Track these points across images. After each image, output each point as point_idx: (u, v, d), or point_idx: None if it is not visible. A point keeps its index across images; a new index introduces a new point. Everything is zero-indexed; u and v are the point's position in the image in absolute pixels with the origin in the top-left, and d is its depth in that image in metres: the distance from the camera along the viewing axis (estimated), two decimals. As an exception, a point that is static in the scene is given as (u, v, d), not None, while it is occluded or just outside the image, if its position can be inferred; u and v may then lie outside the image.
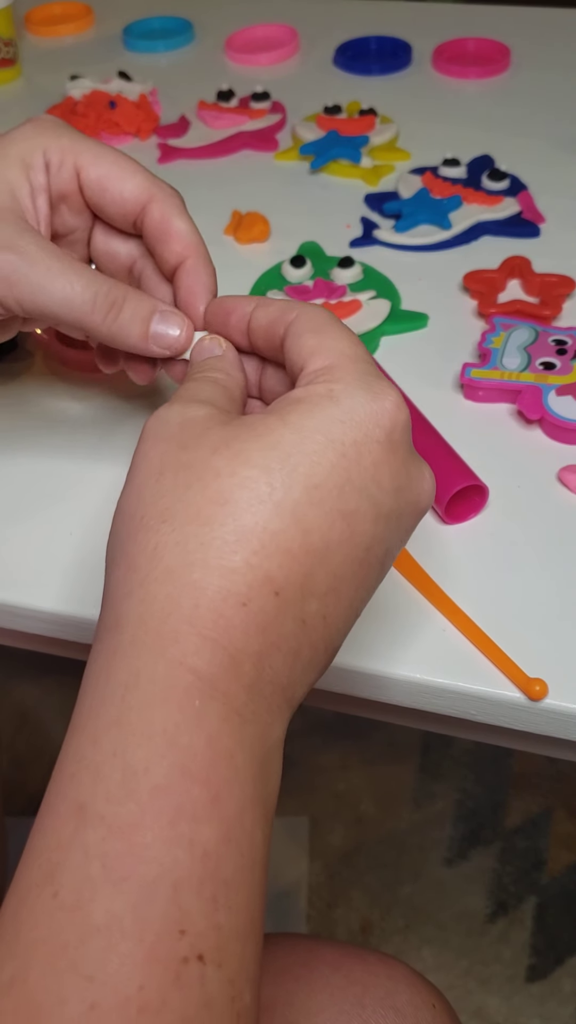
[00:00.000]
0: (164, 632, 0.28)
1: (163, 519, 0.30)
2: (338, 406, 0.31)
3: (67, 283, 0.40)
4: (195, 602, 0.28)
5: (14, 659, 1.31)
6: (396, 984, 0.50)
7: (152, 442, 0.33)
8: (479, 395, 0.55)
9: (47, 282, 0.40)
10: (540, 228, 0.67)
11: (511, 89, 0.84)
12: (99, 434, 0.56)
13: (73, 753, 0.28)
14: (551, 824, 1.15)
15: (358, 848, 1.14)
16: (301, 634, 0.30)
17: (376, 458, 0.31)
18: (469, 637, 0.44)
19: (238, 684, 0.28)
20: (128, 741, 0.27)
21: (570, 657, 0.43)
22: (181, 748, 0.27)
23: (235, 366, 0.38)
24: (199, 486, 0.30)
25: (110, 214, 0.44)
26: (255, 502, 0.30)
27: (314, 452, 0.30)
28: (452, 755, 1.21)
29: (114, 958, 0.25)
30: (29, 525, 0.51)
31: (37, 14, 1.00)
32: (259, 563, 0.29)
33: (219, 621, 0.28)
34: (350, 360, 0.33)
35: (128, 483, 0.32)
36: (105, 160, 0.43)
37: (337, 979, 0.49)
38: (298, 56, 0.91)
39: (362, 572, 0.31)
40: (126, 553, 0.30)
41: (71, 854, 0.26)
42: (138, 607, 0.29)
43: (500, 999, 1.02)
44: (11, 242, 0.41)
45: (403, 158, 0.76)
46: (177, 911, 0.25)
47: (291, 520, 0.30)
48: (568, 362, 0.54)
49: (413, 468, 0.33)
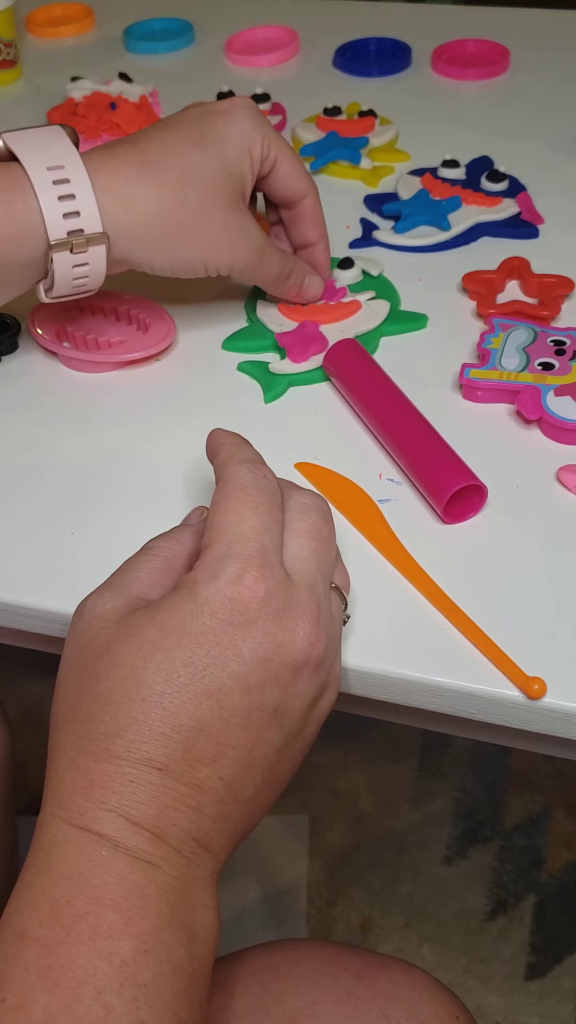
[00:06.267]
0: (71, 807, 0.35)
1: (67, 719, 0.37)
2: (195, 599, 0.36)
3: (274, 262, 0.56)
4: (89, 783, 0.35)
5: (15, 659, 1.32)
6: (420, 995, 0.50)
7: (70, 640, 0.39)
8: (478, 395, 0.55)
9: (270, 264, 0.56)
10: (539, 229, 0.67)
11: (510, 90, 0.84)
12: (99, 434, 0.56)
13: (15, 893, 0.35)
14: (550, 822, 1.15)
15: (358, 846, 1.14)
16: (199, 795, 0.35)
17: (233, 639, 0.36)
18: (468, 636, 0.44)
19: (141, 839, 0.34)
20: (53, 882, 0.34)
21: (569, 656, 0.43)
22: (95, 886, 0.33)
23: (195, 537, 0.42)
24: (87, 689, 0.36)
25: (279, 197, 0.58)
26: (126, 699, 0.35)
27: (176, 646, 0.36)
28: (451, 754, 1.22)
29: None
30: (29, 525, 0.51)
31: (38, 16, 1.00)
32: (137, 747, 0.35)
33: (111, 797, 0.34)
34: (222, 541, 0.37)
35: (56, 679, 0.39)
36: (290, 156, 0.56)
37: (361, 990, 0.50)
38: (298, 58, 0.92)
39: (251, 734, 0.36)
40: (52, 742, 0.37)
41: (14, 969, 0.32)
42: (53, 791, 0.36)
43: (499, 997, 1.02)
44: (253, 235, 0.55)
45: (402, 159, 0.76)
46: (101, 1009, 0.31)
47: (158, 708, 0.35)
48: (567, 362, 0.54)
49: (279, 633, 0.36)
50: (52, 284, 0.52)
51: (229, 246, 0.54)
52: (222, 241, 0.54)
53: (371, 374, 0.55)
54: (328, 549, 0.41)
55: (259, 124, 0.55)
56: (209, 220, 0.53)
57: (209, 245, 0.53)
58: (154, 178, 0.51)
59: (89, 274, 0.52)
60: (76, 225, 0.50)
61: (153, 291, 0.62)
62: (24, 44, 0.98)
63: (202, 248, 0.53)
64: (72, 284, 0.52)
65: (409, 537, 0.48)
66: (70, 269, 0.51)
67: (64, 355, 0.59)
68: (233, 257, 0.54)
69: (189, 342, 0.61)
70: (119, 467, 0.54)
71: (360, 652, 0.44)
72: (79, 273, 0.51)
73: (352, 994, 0.49)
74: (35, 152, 0.50)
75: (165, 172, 0.51)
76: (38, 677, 1.31)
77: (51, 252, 0.50)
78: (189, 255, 0.53)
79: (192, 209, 0.52)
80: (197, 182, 0.52)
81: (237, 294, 0.63)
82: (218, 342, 0.61)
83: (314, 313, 0.60)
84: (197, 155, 0.52)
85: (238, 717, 0.36)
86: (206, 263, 0.54)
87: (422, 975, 0.52)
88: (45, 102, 0.87)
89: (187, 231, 0.52)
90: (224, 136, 0.53)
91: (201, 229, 0.53)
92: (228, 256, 0.54)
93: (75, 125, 0.80)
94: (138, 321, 0.61)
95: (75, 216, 0.49)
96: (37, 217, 0.49)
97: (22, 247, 0.50)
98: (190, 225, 0.52)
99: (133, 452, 0.55)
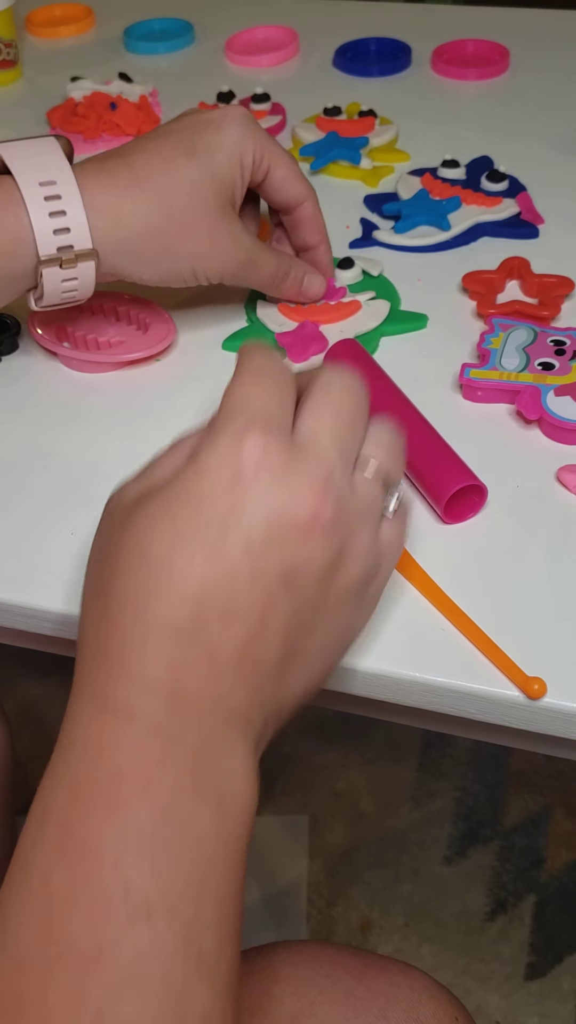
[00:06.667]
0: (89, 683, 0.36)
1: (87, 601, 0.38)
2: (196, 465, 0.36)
3: (268, 264, 0.57)
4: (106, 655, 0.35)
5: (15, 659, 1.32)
6: (419, 996, 0.50)
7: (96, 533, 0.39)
8: (478, 395, 0.55)
9: (263, 267, 0.57)
10: (539, 229, 0.67)
11: (510, 90, 0.84)
12: (99, 434, 0.56)
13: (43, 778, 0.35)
14: (550, 822, 1.15)
15: (358, 846, 1.14)
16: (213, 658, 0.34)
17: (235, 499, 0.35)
18: (468, 636, 0.44)
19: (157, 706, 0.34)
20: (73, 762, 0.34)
21: (569, 656, 0.43)
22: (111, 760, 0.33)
23: None
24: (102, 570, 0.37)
25: (276, 203, 0.59)
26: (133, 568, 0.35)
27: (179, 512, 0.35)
28: (451, 754, 1.22)
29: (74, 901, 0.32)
30: (29, 525, 0.51)
31: (38, 16, 1.00)
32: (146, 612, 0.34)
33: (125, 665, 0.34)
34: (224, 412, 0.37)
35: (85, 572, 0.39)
36: (285, 162, 0.57)
37: (360, 991, 0.50)
38: (298, 58, 0.92)
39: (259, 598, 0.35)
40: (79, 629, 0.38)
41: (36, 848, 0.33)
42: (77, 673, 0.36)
43: (499, 997, 1.02)
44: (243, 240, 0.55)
45: (402, 159, 0.76)
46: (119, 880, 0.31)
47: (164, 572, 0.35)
48: (567, 362, 0.54)
49: (281, 494, 0.35)
50: (42, 295, 0.53)
51: (217, 255, 0.55)
52: (210, 250, 0.55)
53: (371, 374, 0.55)
54: (351, 425, 0.38)
55: (252, 132, 0.55)
56: (196, 230, 0.54)
57: (197, 255, 0.54)
58: (142, 193, 0.52)
59: (78, 287, 0.53)
60: (66, 241, 0.51)
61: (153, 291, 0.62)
62: (24, 44, 0.98)
63: (190, 258, 0.55)
64: (61, 296, 0.53)
65: (409, 537, 0.48)
66: (59, 283, 0.52)
67: (64, 355, 0.59)
68: (222, 265, 0.55)
69: (189, 342, 0.61)
70: (119, 467, 0.53)
71: (361, 652, 0.44)
72: (68, 287, 0.53)
73: (351, 995, 0.49)
74: (28, 165, 0.51)
75: (153, 184, 0.53)
76: (38, 677, 1.31)
77: (41, 267, 0.51)
78: (178, 267, 0.55)
79: (180, 220, 0.53)
80: (185, 194, 0.53)
81: (237, 294, 0.63)
82: (218, 342, 0.61)
83: (314, 313, 0.60)
84: (186, 166, 0.53)
85: (243, 579, 0.35)
86: (195, 272, 0.55)
87: (421, 976, 0.52)
88: (45, 102, 0.87)
89: (175, 244, 0.54)
90: (215, 146, 0.54)
91: (188, 240, 0.54)
92: (217, 264, 0.55)
93: (75, 125, 0.81)
94: (138, 321, 0.61)
95: (65, 232, 0.51)
96: (28, 233, 0.50)
97: (13, 261, 0.51)
98: (178, 237, 0.54)
99: (133, 452, 0.54)
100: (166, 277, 0.55)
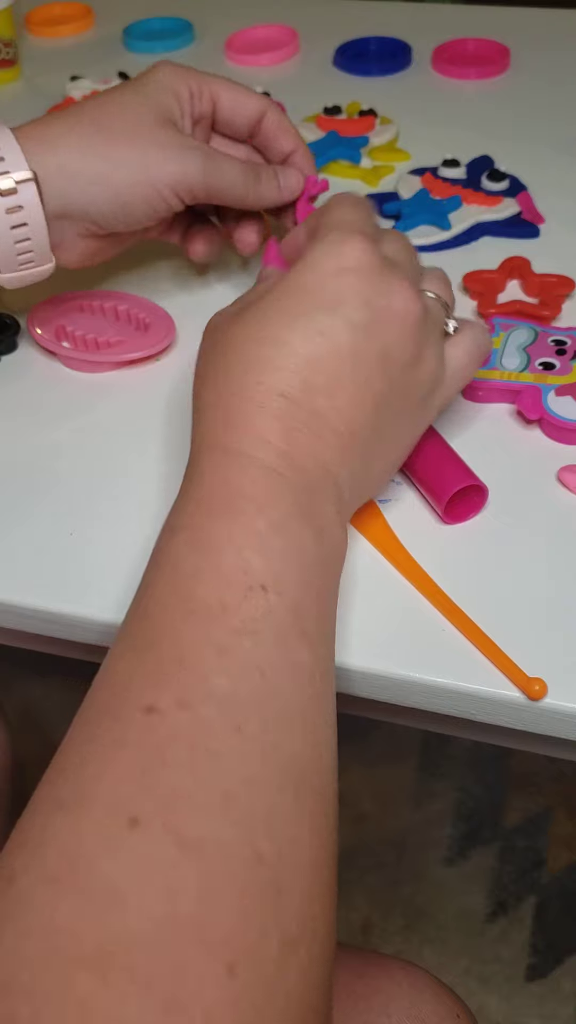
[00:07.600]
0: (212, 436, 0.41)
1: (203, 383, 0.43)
2: (303, 261, 0.42)
3: (233, 165, 0.55)
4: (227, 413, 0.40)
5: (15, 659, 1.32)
6: (420, 993, 0.50)
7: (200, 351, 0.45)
8: (478, 395, 0.55)
9: (227, 167, 0.55)
10: (540, 229, 0.67)
11: (511, 90, 0.84)
12: (99, 434, 0.56)
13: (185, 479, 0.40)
14: (551, 823, 1.15)
15: (358, 847, 1.14)
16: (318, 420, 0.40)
17: (339, 285, 0.41)
18: (468, 637, 0.44)
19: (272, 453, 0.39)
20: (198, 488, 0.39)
21: (569, 657, 0.43)
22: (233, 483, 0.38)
23: None
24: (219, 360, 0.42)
25: (237, 126, 0.58)
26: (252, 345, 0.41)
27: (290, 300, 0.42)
28: (452, 754, 1.21)
29: None
30: (29, 525, 0.51)
31: (37, 15, 1.00)
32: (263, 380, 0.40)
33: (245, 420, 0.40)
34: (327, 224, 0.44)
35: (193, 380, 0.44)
36: (228, 85, 0.58)
37: (361, 988, 0.50)
38: (298, 57, 0.92)
39: (360, 373, 0.41)
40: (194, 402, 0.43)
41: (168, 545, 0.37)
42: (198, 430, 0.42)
43: (500, 998, 1.02)
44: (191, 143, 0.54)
45: (403, 159, 0.76)
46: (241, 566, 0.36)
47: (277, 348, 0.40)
48: (567, 362, 0.54)
49: (380, 283, 0.42)
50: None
51: (168, 157, 0.53)
52: (158, 153, 0.53)
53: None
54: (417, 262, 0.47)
55: (182, 71, 0.56)
56: (135, 138, 0.52)
57: (147, 161, 0.52)
58: (72, 118, 0.53)
59: (28, 222, 0.51)
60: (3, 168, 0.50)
61: (153, 290, 0.62)
62: (23, 43, 0.97)
63: (140, 166, 0.52)
64: (15, 246, 0.52)
65: (409, 537, 0.48)
66: (4, 215, 0.50)
67: (64, 355, 0.59)
68: (179, 167, 0.53)
69: (189, 342, 0.61)
70: (119, 467, 0.54)
71: (361, 653, 0.44)
72: (16, 221, 0.51)
73: (352, 992, 0.49)
74: None
75: (82, 110, 0.53)
76: (38, 677, 1.31)
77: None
78: (132, 177, 0.52)
79: (114, 131, 0.52)
80: (116, 109, 0.53)
81: (238, 294, 0.63)
82: (218, 342, 0.61)
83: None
84: (114, 93, 0.54)
85: (346, 355, 0.41)
86: (154, 183, 0.53)
87: (422, 974, 0.52)
88: (44, 101, 0.87)
89: (116, 153, 0.52)
90: (145, 79, 0.55)
91: (127, 146, 0.52)
92: (173, 167, 0.53)
93: (75, 124, 0.80)
94: (138, 321, 0.60)
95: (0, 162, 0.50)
96: None
97: None
98: (115, 145, 0.52)
99: (133, 452, 0.54)
100: (127, 198, 0.53)
